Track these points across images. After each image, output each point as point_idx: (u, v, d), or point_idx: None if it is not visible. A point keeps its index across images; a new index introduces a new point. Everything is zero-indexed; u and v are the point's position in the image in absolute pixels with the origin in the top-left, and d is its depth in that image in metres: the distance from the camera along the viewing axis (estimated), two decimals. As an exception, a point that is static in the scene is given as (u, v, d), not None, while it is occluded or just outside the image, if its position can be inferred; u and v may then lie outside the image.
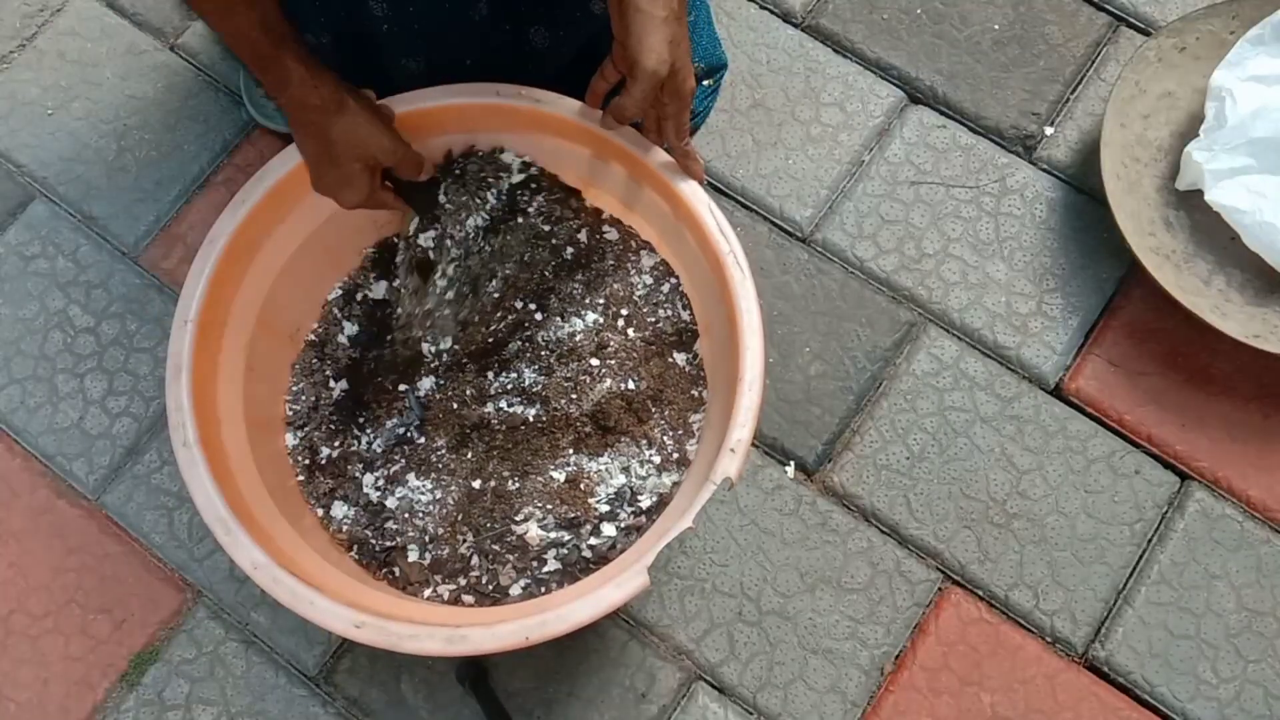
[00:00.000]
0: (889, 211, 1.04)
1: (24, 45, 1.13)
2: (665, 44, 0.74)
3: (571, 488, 0.84)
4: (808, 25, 1.12)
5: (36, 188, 1.08)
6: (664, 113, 0.80)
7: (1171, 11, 1.10)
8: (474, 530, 0.84)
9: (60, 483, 0.97)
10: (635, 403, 0.86)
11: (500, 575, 0.82)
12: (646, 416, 0.86)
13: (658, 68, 0.74)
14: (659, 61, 0.74)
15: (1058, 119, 1.07)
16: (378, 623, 0.69)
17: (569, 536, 0.83)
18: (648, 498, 0.84)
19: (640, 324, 0.89)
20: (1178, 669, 0.89)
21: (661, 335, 0.89)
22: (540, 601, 0.79)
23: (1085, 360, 0.99)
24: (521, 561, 0.83)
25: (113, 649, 0.92)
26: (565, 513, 0.83)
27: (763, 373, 0.75)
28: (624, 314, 0.89)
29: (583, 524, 0.83)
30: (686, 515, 0.71)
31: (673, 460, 0.85)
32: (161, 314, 1.02)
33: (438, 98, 0.85)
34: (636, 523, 0.83)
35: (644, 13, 0.73)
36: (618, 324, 0.89)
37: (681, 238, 0.85)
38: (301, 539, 0.79)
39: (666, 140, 0.82)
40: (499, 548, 0.83)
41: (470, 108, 0.86)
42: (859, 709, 0.89)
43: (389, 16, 0.85)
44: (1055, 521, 0.94)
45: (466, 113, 0.86)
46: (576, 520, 0.83)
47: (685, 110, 0.80)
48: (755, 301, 0.77)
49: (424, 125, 0.86)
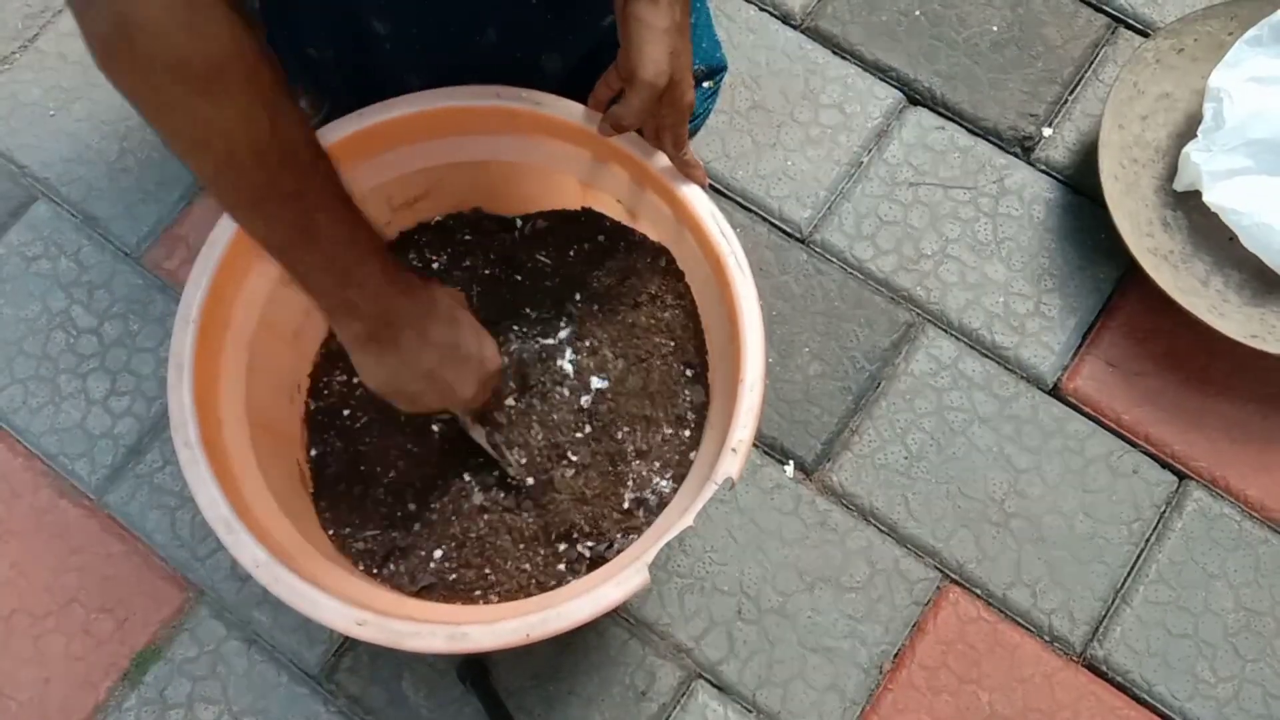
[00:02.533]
0: (887, 212, 1.05)
1: (25, 46, 1.13)
2: (665, 55, 0.74)
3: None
4: (807, 27, 1.12)
5: (38, 188, 1.08)
6: (662, 123, 0.80)
7: (1169, 13, 1.10)
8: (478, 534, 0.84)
9: (62, 482, 0.98)
10: (640, 416, 0.86)
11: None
12: (653, 424, 0.86)
13: (655, 79, 0.75)
14: (657, 73, 0.74)
15: (1056, 120, 1.07)
16: (379, 620, 0.69)
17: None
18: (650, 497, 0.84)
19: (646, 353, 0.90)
20: (1176, 668, 0.90)
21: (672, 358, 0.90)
22: (541, 599, 0.79)
23: (1083, 360, 0.99)
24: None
25: (114, 648, 0.92)
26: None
27: (764, 374, 0.76)
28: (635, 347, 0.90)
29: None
30: (687, 514, 0.71)
31: (673, 461, 0.85)
32: (164, 314, 1.03)
33: (438, 100, 0.85)
34: (636, 523, 0.83)
35: (645, 24, 0.74)
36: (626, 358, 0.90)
37: (683, 239, 0.86)
38: (303, 538, 0.80)
39: (664, 150, 0.83)
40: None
41: (471, 110, 0.86)
42: (858, 707, 0.89)
43: (391, 36, 0.85)
44: (1053, 521, 0.94)
45: (467, 115, 0.86)
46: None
47: (683, 121, 0.80)
48: (756, 303, 0.78)
49: (424, 128, 0.86)
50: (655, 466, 0.85)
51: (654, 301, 0.90)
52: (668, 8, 0.74)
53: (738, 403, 0.74)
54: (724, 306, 0.80)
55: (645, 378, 0.87)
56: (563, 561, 0.83)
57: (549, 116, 0.85)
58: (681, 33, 0.75)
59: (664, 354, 0.88)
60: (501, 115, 0.86)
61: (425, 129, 0.86)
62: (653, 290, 0.90)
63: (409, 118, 0.84)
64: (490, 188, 0.94)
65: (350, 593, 0.75)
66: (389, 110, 0.84)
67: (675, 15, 0.74)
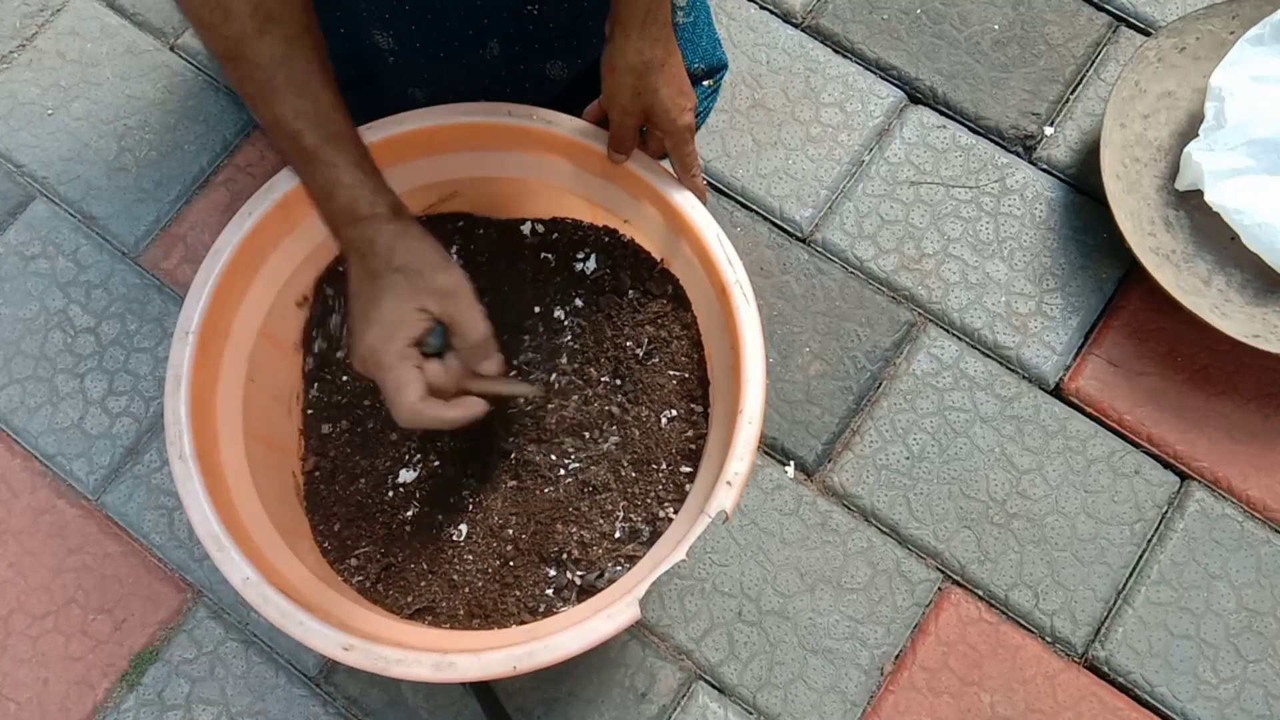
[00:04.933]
0: (889, 211, 1.04)
1: (24, 45, 1.13)
2: (628, 95, 0.76)
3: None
4: (808, 25, 1.12)
5: (36, 188, 1.08)
6: (665, 145, 0.81)
7: (1171, 11, 1.10)
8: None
9: (60, 483, 0.97)
10: (636, 444, 0.86)
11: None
12: (649, 453, 0.86)
13: (622, 118, 0.78)
14: (622, 112, 0.78)
15: (1058, 119, 1.07)
16: (366, 646, 0.69)
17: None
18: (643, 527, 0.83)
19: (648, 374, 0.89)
20: (1177, 669, 0.89)
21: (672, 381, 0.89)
22: (530, 628, 0.79)
23: (1085, 360, 0.99)
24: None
25: (113, 649, 0.92)
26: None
27: (763, 407, 0.75)
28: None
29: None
30: (680, 547, 0.70)
31: (668, 491, 0.84)
32: (162, 314, 1.02)
33: (448, 116, 0.85)
34: (627, 552, 0.83)
35: (609, 63, 0.76)
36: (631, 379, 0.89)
37: (689, 263, 0.85)
38: (294, 553, 0.79)
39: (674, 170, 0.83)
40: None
41: (482, 127, 0.85)
42: (859, 709, 0.89)
43: (394, 50, 0.84)
44: (1055, 521, 0.94)
45: (478, 132, 0.86)
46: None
47: (684, 144, 0.81)
48: (759, 333, 0.77)
49: (433, 144, 0.86)
50: (650, 496, 0.83)
51: (657, 325, 0.88)
52: (637, 44, 0.74)
53: (735, 435, 0.74)
54: (727, 335, 0.80)
55: (643, 405, 0.86)
56: (552, 587, 0.82)
57: (561, 135, 0.84)
58: (656, 68, 0.76)
59: (664, 381, 0.87)
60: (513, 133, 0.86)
61: (435, 144, 0.86)
62: (655, 312, 0.88)
63: (419, 132, 0.84)
64: (497, 202, 0.93)
65: (338, 614, 0.75)
66: (399, 125, 0.84)
67: (645, 53, 0.74)
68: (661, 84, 0.77)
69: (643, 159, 0.84)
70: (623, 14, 0.74)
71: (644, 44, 0.74)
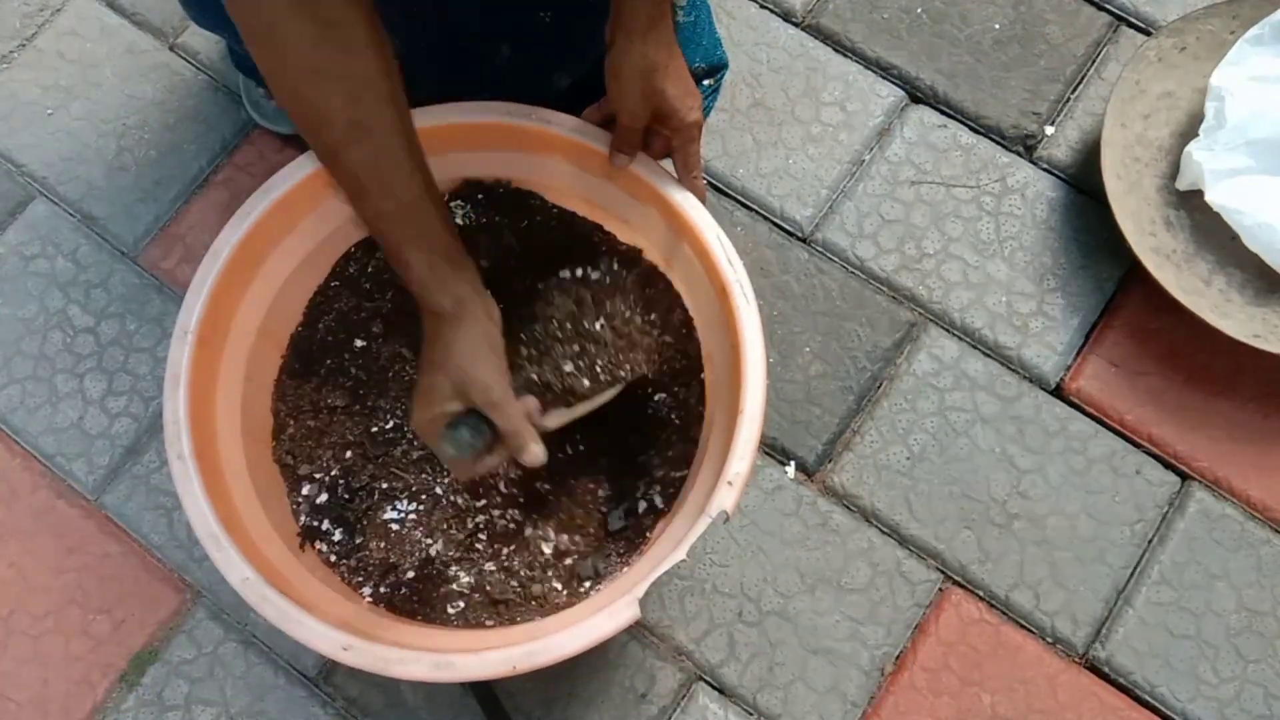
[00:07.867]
0: (889, 211, 1.04)
1: (24, 45, 1.13)
2: (637, 99, 0.77)
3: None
4: (808, 24, 1.12)
5: (36, 187, 1.08)
6: (670, 143, 0.81)
7: (1171, 11, 1.10)
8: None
9: (60, 483, 0.97)
10: (634, 440, 0.85)
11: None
12: (647, 449, 0.85)
13: (631, 121, 0.79)
14: (630, 115, 0.79)
15: (1058, 119, 1.07)
16: (365, 646, 0.69)
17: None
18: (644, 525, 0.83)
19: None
20: (1178, 669, 0.89)
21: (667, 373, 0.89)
22: (529, 628, 0.78)
23: (1086, 360, 0.99)
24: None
25: (112, 649, 0.92)
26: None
27: (763, 406, 0.75)
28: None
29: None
30: (680, 547, 0.70)
31: (669, 489, 0.84)
32: (161, 314, 1.02)
33: (448, 115, 0.84)
34: (627, 551, 0.82)
35: (613, 70, 0.77)
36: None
37: (689, 263, 0.85)
38: (293, 555, 0.79)
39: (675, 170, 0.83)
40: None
41: (480, 126, 0.85)
42: (859, 709, 0.89)
43: (405, 55, 0.84)
44: (1056, 522, 0.93)
45: (477, 131, 0.85)
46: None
47: (691, 143, 0.81)
48: (760, 333, 0.77)
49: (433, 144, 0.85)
50: (650, 494, 0.83)
51: (652, 323, 0.88)
52: (641, 48, 0.74)
53: (736, 434, 0.73)
54: (727, 335, 0.79)
55: (641, 402, 0.86)
56: (553, 586, 0.82)
57: (560, 135, 0.84)
58: (662, 70, 0.76)
59: (661, 378, 0.87)
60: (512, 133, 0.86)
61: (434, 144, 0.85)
62: (651, 311, 0.88)
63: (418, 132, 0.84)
64: None
65: (337, 612, 0.75)
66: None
67: (650, 57, 0.75)
68: (668, 85, 0.77)
69: (643, 160, 0.84)
70: (626, 20, 0.74)
71: (648, 48, 0.74)
